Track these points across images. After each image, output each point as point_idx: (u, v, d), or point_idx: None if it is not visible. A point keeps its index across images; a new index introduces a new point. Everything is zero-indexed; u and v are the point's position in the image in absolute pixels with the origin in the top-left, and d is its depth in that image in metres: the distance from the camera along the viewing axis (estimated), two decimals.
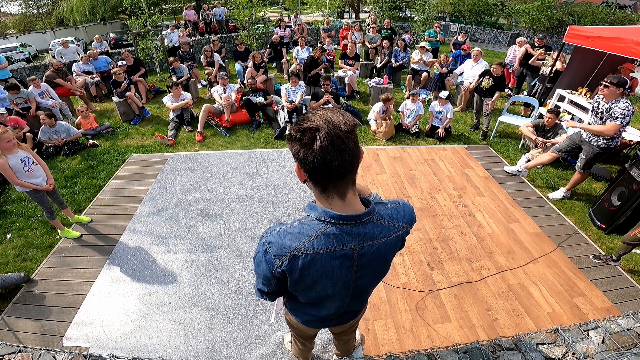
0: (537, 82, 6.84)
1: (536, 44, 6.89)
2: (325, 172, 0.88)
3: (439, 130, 5.57)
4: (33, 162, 3.07)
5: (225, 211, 3.86)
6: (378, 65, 8.36)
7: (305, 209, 1.03)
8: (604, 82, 3.48)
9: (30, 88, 5.92)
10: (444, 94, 5.58)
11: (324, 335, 2.48)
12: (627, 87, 3.39)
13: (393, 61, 8.09)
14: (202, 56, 8.12)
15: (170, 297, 2.82)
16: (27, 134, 5.11)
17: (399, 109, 5.93)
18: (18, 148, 2.98)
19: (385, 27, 9.41)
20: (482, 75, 5.71)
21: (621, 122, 3.38)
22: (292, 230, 1.00)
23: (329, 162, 0.85)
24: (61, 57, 8.60)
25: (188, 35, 10.65)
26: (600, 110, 3.56)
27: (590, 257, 3.25)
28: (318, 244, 0.98)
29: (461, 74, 7.07)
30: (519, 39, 7.62)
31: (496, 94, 5.52)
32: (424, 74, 7.58)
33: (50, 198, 3.33)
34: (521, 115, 6.22)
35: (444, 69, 7.19)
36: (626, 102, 3.39)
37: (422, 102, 6.34)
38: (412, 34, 11.94)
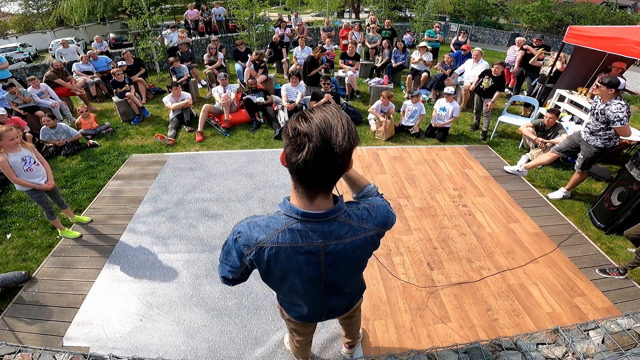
0: (537, 82, 6.84)
1: (534, 44, 6.89)
2: (300, 176, 0.90)
3: (439, 123, 5.49)
4: (34, 162, 3.07)
5: (225, 211, 3.86)
6: (378, 65, 8.36)
7: (281, 204, 1.06)
8: (597, 83, 3.47)
9: (29, 88, 5.93)
10: (449, 89, 5.48)
11: (324, 335, 2.48)
12: (620, 87, 3.38)
13: (393, 61, 8.09)
14: (206, 54, 8.12)
15: (170, 297, 2.82)
16: (27, 134, 5.11)
17: (400, 109, 5.92)
18: (22, 147, 2.99)
19: (385, 27, 9.41)
20: (482, 75, 5.69)
21: (623, 123, 3.37)
22: (260, 223, 1.03)
23: (306, 172, 0.86)
24: (61, 57, 8.61)
25: (187, 35, 10.64)
26: (597, 110, 3.56)
27: (596, 270, 3.09)
28: (282, 238, 1.00)
29: (461, 74, 7.07)
30: (518, 38, 7.62)
31: (496, 94, 5.51)
32: (424, 74, 7.58)
33: (51, 198, 3.33)
34: (521, 115, 6.22)
35: (448, 70, 7.17)
36: (618, 103, 3.38)
37: (423, 102, 6.32)
38: (412, 34, 11.95)
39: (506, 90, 5.55)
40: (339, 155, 0.83)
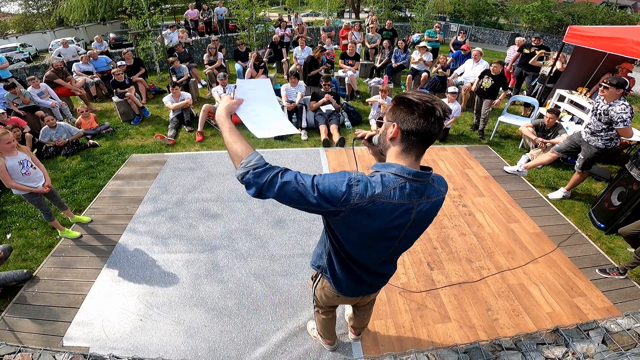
0: (537, 82, 6.84)
1: (533, 44, 6.88)
2: (423, 137, 1.07)
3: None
4: (31, 165, 3.05)
5: (225, 211, 3.86)
6: (378, 65, 8.36)
7: (375, 167, 1.17)
8: (603, 83, 3.47)
9: (29, 88, 5.93)
10: (453, 89, 5.43)
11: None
12: (626, 87, 3.39)
13: (393, 61, 8.09)
14: (206, 54, 8.12)
15: (170, 297, 2.82)
16: (27, 134, 5.11)
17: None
18: (17, 150, 2.96)
19: (386, 27, 9.40)
20: (481, 76, 5.66)
21: (627, 124, 3.37)
22: (376, 179, 1.09)
23: (432, 131, 1.06)
24: (59, 56, 8.60)
25: (187, 35, 10.64)
26: (599, 111, 3.55)
27: (596, 270, 3.10)
28: (394, 195, 1.09)
29: (461, 74, 7.07)
30: (518, 38, 7.63)
31: (502, 93, 5.48)
32: (424, 74, 7.58)
33: (49, 200, 3.33)
34: (521, 115, 6.22)
35: (447, 71, 7.14)
36: (622, 104, 3.38)
37: None
38: (413, 34, 11.95)
39: (501, 92, 5.50)
40: (447, 115, 1.07)
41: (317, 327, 2.28)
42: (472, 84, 6.62)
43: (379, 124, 1.28)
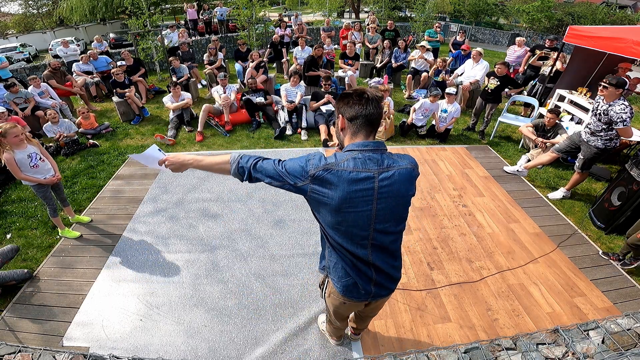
0: (537, 82, 6.84)
1: (546, 46, 6.84)
2: (364, 118, 1.28)
3: (440, 128, 5.41)
4: (40, 158, 3.10)
5: (225, 211, 3.86)
6: (378, 66, 8.35)
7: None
8: (603, 83, 3.47)
9: (30, 88, 5.93)
10: (452, 90, 5.41)
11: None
12: (626, 87, 3.39)
13: (393, 61, 8.09)
14: (206, 54, 8.12)
15: (170, 297, 2.82)
16: (27, 134, 5.11)
17: (415, 106, 5.63)
18: (28, 143, 3.01)
19: (388, 28, 9.38)
20: (488, 77, 5.58)
21: (627, 124, 3.38)
22: (329, 156, 1.31)
23: (369, 112, 1.27)
24: (56, 56, 8.59)
25: (187, 35, 10.64)
26: (599, 111, 3.55)
27: (600, 252, 3.29)
28: (346, 165, 1.25)
29: (461, 74, 7.06)
30: (518, 38, 7.62)
31: (513, 92, 5.47)
32: (424, 74, 7.58)
33: (55, 194, 3.34)
34: (521, 116, 6.21)
35: (447, 75, 7.09)
36: (622, 104, 3.38)
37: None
38: (413, 34, 11.95)
39: (506, 90, 5.47)
40: (380, 98, 1.32)
41: (327, 326, 2.35)
42: (470, 84, 6.62)
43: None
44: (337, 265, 1.48)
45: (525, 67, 7.37)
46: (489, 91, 5.42)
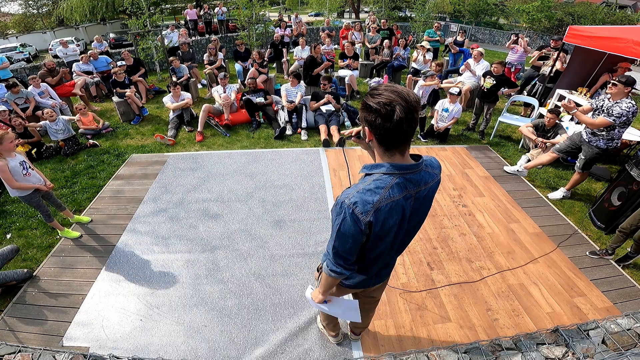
0: (537, 82, 6.84)
1: (552, 46, 6.83)
2: (396, 137, 1.09)
3: (440, 127, 5.37)
4: (29, 167, 3.09)
5: (225, 211, 3.86)
6: (375, 64, 8.36)
7: (364, 170, 1.23)
8: (612, 81, 3.46)
9: (30, 88, 5.93)
10: (454, 90, 5.36)
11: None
12: (634, 86, 3.39)
13: (394, 61, 8.09)
14: (206, 54, 8.12)
15: (171, 297, 2.82)
16: (30, 127, 5.12)
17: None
18: (15, 152, 2.99)
19: (382, 27, 9.39)
20: (483, 76, 5.59)
21: (613, 120, 3.38)
22: (368, 187, 1.15)
23: (402, 130, 1.06)
24: (55, 56, 8.61)
25: (187, 35, 10.65)
26: (603, 108, 3.54)
27: (587, 253, 3.30)
28: (392, 193, 1.15)
29: (462, 74, 7.05)
30: (521, 40, 7.59)
31: (510, 92, 5.45)
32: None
33: (47, 201, 3.33)
34: (521, 116, 6.21)
35: (439, 79, 7.04)
36: (629, 102, 3.37)
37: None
38: (413, 34, 11.95)
39: (502, 90, 5.45)
40: (418, 106, 1.07)
41: (321, 318, 2.37)
42: (463, 84, 6.60)
43: None
44: (355, 276, 1.53)
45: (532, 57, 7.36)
46: (485, 90, 5.41)
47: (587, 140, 3.78)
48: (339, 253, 1.29)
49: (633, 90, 3.60)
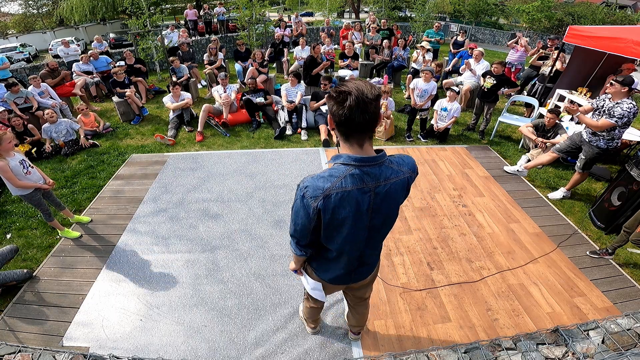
0: (536, 82, 6.84)
1: (549, 45, 6.83)
2: (349, 126, 1.13)
3: (440, 126, 5.35)
4: (30, 165, 3.09)
5: (225, 211, 3.86)
6: (374, 64, 8.35)
7: (329, 161, 1.28)
8: (611, 81, 3.46)
9: (30, 87, 5.93)
10: (455, 88, 5.34)
11: (329, 327, 2.48)
12: (633, 86, 3.39)
13: (394, 61, 8.08)
14: (206, 54, 8.12)
15: (171, 297, 2.82)
16: (30, 126, 5.12)
17: (410, 86, 5.57)
18: (15, 151, 2.99)
19: (382, 27, 9.40)
20: (483, 76, 5.58)
21: (615, 122, 3.38)
22: (323, 175, 1.21)
23: (354, 119, 1.09)
24: (56, 56, 8.61)
25: (187, 35, 10.65)
26: (604, 109, 3.54)
27: (587, 252, 3.29)
28: (345, 183, 1.18)
29: (462, 74, 7.06)
30: (521, 40, 7.59)
31: (512, 91, 5.44)
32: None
33: (47, 200, 3.33)
34: (523, 116, 6.19)
35: (438, 81, 7.03)
36: (630, 102, 3.37)
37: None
38: (413, 34, 11.95)
39: (503, 90, 5.45)
40: (373, 100, 1.08)
41: (303, 307, 2.39)
42: (468, 89, 6.60)
43: None
44: (325, 265, 1.57)
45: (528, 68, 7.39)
46: (485, 90, 5.40)
47: (587, 140, 3.78)
48: (292, 233, 1.40)
49: (634, 90, 3.60)
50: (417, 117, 5.59)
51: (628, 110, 3.33)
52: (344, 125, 1.13)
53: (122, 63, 7.45)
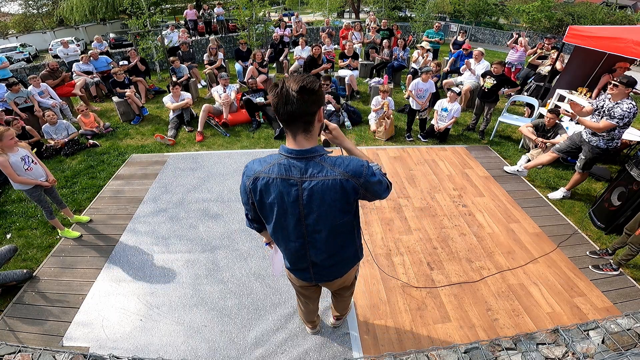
0: (532, 80, 6.85)
1: (545, 43, 6.83)
2: (278, 116, 1.17)
3: (440, 126, 5.33)
4: (32, 161, 3.09)
5: (225, 211, 3.86)
6: (374, 63, 8.35)
7: None
8: (613, 82, 3.46)
9: (30, 87, 5.93)
10: (455, 89, 5.33)
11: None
12: (634, 87, 3.39)
13: (394, 61, 8.08)
14: (206, 54, 8.12)
15: (171, 297, 2.82)
16: (28, 128, 5.12)
17: (409, 87, 5.44)
18: (18, 146, 3.00)
19: (382, 27, 9.40)
20: (483, 76, 5.58)
21: (617, 123, 3.38)
22: (262, 159, 1.31)
23: (277, 111, 1.16)
24: (55, 57, 8.62)
25: (187, 35, 10.66)
26: (604, 109, 3.54)
27: (590, 266, 3.14)
28: (272, 171, 1.25)
29: (462, 74, 7.06)
30: (520, 39, 7.60)
31: (512, 91, 5.43)
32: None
33: (49, 197, 3.34)
34: (523, 117, 6.18)
35: (437, 80, 7.03)
36: (630, 103, 3.37)
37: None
38: (413, 34, 11.95)
39: (503, 90, 5.43)
40: (296, 93, 1.09)
41: (298, 309, 2.47)
42: (468, 89, 6.60)
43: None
44: (286, 257, 1.62)
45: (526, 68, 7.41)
46: (486, 90, 5.39)
47: (587, 140, 3.78)
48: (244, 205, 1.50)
49: (633, 91, 3.60)
50: (417, 117, 5.57)
51: (628, 110, 3.33)
52: (277, 116, 1.18)
53: (126, 62, 7.44)
